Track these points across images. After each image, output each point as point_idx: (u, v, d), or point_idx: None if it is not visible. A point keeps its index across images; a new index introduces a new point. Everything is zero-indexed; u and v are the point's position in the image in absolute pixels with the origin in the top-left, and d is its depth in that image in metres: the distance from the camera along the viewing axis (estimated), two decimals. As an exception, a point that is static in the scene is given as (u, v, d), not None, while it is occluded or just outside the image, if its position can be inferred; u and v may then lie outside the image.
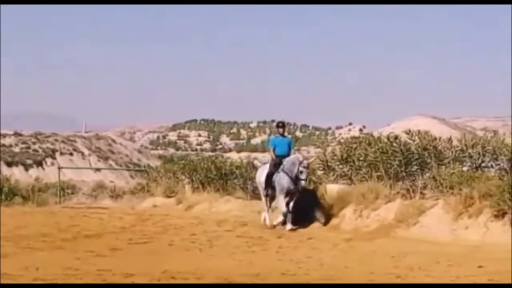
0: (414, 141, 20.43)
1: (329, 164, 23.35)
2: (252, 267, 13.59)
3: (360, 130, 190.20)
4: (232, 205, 25.93)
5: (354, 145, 22.31)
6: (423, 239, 17.21)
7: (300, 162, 20.06)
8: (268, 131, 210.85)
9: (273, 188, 20.66)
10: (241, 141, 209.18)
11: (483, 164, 18.71)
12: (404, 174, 19.94)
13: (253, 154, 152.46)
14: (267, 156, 23.40)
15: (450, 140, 19.39)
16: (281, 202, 20.33)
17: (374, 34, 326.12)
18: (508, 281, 12.05)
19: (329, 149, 25.08)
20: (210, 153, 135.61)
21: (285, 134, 22.10)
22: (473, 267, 13.51)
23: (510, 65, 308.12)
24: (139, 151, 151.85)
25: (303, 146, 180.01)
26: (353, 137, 27.75)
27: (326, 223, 20.26)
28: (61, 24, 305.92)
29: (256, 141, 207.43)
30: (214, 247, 16.74)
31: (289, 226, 19.99)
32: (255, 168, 26.71)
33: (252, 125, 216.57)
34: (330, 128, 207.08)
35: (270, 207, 21.26)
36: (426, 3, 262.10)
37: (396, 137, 20.61)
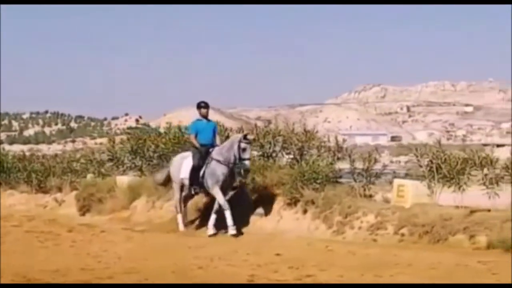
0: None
1: (117, 156, 23.13)
2: (49, 263, 13.06)
3: (137, 120, 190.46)
4: (16, 199, 25.15)
5: (144, 137, 22.24)
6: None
7: (242, 138, 16.47)
8: (41, 122, 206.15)
9: (200, 185, 16.91)
10: (12, 133, 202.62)
11: (274, 154, 19.05)
12: (196, 164, 19.96)
13: (26, 147, 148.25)
14: (43, 148, 22.25)
15: (241, 129, 19.60)
16: (219, 195, 16.49)
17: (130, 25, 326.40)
18: (304, 268, 12.29)
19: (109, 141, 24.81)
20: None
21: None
22: (271, 255, 13.72)
23: (279, 57, 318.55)
24: None
25: (78, 137, 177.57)
26: (130, 128, 27.66)
27: (266, 214, 17.30)
28: None
29: (29, 132, 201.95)
30: (3, 243, 15.96)
31: (211, 230, 16.71)
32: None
33: (24, 116, 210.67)
34: (106, 119, 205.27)
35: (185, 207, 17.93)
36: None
37: (187, 128, 20.59)
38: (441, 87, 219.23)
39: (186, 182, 17.18)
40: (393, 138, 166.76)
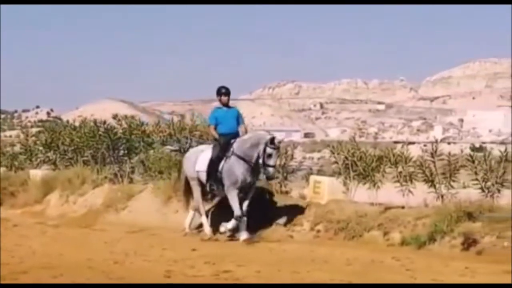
0: (121, 125, 20.38)
1: (31, 149, 22.85)
2: (-37, 259, 12.79)
3: (48, 113, 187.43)
4: None
5: (59, 130, 22.01)
6: (132, 223, 17.23)
7: (269, 142, 14.67)
8: None
9: (218, 181, 15.17)
10: None
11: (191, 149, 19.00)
12: (112, 158, 19.86)
13: None
14: None
15: (158, 124, 19.59)
16: (234, 199, 14.79)
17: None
18: (221, 264, 12.31)
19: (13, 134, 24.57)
20: None
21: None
22: (187, 250, 13.76)
23: (191, 52, 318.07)
24: None
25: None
26: (41, 121, 27.38)
27: (286, 223, 15.47)
28: None
29: None
30: None
31: (244, 235, 14.71)
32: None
33: None
34: (16, 111, 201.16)
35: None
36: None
37: (105, 122, 20.48)
38: (354, 84, 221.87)
39: (202, 176, 15.41)
40: (306, 135, 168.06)
